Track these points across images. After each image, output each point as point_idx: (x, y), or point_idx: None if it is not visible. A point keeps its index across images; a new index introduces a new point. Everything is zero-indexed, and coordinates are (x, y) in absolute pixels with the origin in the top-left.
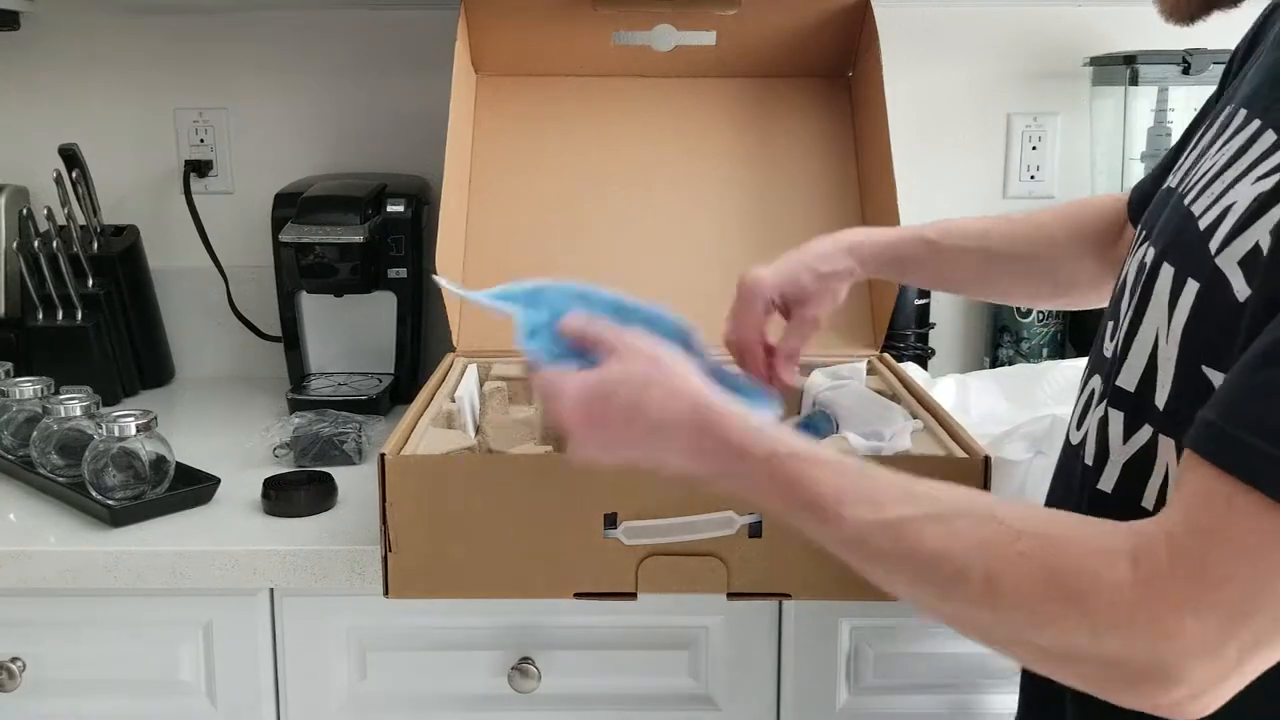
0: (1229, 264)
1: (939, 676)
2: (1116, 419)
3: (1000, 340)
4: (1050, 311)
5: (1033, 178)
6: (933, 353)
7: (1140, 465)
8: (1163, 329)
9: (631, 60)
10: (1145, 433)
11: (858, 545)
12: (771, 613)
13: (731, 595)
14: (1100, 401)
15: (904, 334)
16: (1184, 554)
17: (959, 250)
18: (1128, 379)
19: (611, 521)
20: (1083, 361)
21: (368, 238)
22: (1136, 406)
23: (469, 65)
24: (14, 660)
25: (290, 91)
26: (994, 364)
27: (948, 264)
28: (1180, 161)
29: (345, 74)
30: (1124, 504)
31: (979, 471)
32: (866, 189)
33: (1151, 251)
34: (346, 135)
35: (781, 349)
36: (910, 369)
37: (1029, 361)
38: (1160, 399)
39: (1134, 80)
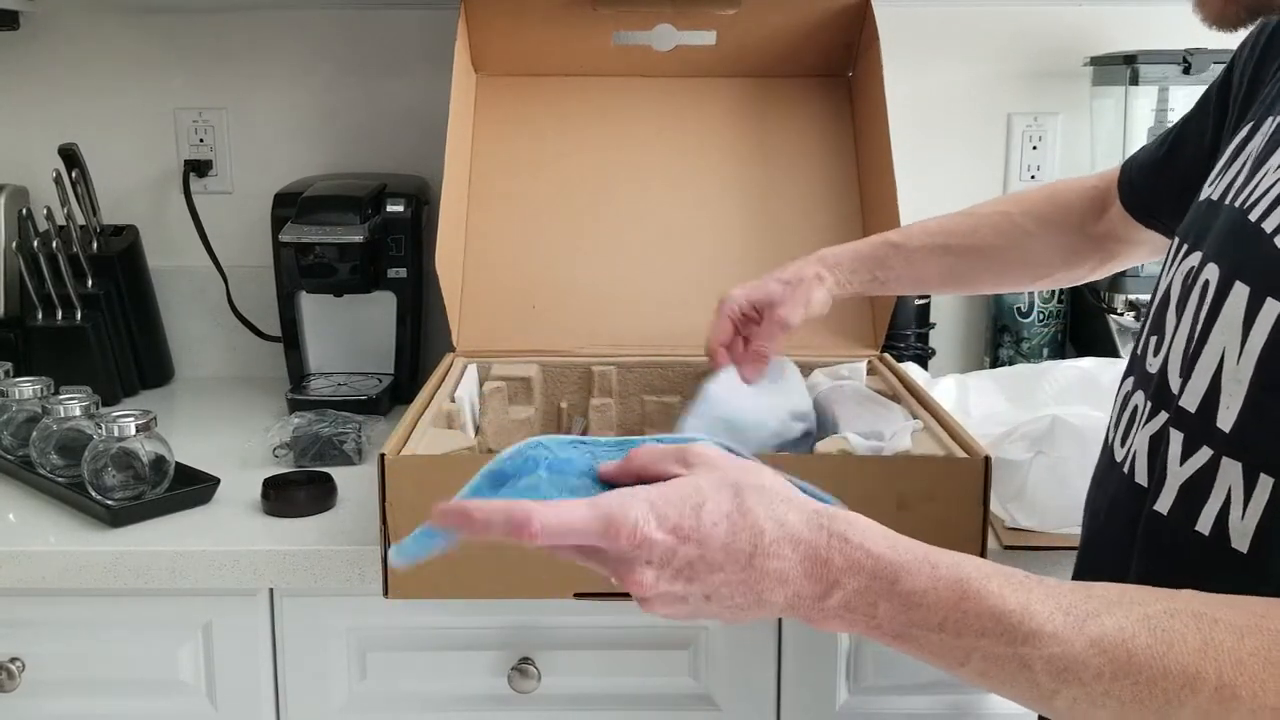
0: None
1: (939, 676)
2: (1176, 439)
3: (1000, 340)
4: (1051, 311)
5: (1033, 177)
6: (933, 353)
7: (1197, 489)
8: (1233, 349)
9: (631, 60)
10: (1204, 455)
11: (1058, 668)
12: None
13: None
14: (1150, 419)
15: (904, 334)
16: None
17: (924, 249)
18: (1190, 400)
19: None
20: (1083, 361)
21: (367, 237)
22: (1197, 428)
23: (469, 65)
24: (13, 660)
25: (290, 91)
26: (994, 364)
27: (915, 264)
28: (1220, 173)
29: (345, 74)
30: (1178, 527)
31: (979, 472)
32: (866, 189)
33: (1215, 269)
34: (346, 135)
35: (751, 347)
36: (910, 369)
37: (1029, 361)
38: (1225, 421)
39: (1134, 80)
